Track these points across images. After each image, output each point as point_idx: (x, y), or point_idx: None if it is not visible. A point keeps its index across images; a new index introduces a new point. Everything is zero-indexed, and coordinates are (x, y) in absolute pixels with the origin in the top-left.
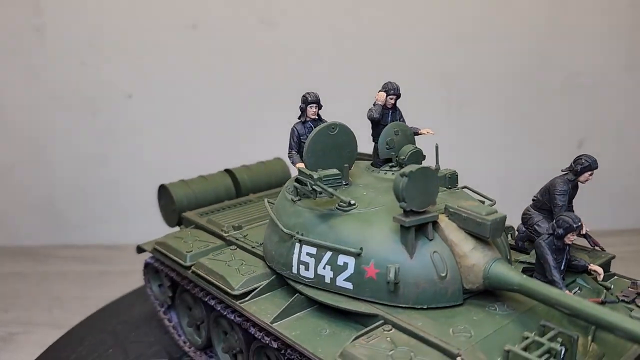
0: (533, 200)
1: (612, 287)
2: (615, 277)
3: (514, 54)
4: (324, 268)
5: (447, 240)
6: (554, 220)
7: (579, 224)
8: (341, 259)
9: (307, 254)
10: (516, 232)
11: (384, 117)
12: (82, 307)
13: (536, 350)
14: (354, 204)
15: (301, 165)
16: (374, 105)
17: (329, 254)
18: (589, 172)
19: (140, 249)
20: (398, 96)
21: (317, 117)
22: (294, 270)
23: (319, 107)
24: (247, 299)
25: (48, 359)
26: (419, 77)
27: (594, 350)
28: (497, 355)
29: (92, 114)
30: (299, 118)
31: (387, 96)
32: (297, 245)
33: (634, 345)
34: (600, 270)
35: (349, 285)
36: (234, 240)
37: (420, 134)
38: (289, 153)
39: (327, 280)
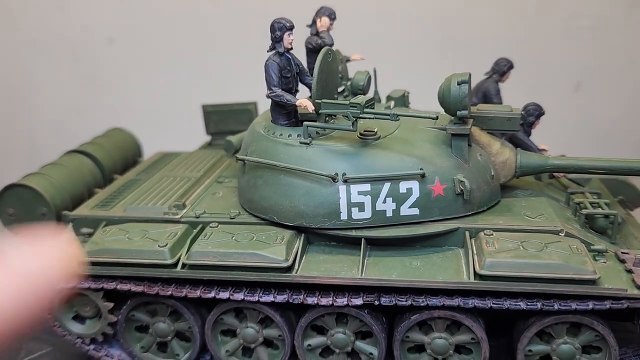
0: None
1: None
2: None
3: None
4: (384, 202)
5: (479, 143)
6: (521, 111)
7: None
8: (403, 186)
9: (360, 192)
10: None
11: None
12: None
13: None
14: (376, 130)
15: (304, 101)
16: (315, 34)
17: (387, 185)
18: (510, 72)
19: None
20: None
21: (291, 46)
22: (343, 217)
23: None
24: (297, 267)
25: None
26: (415, 21)
27: None
28: (572, 222)
29: (73, 60)
30: (270, 50)
31: (329, 21)
32: (343, 187)
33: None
34: (547, 147)
35: (415, 211)
36: (194, 219)
37: (352, 61)
38: (271, 92)
39: (389, 213)
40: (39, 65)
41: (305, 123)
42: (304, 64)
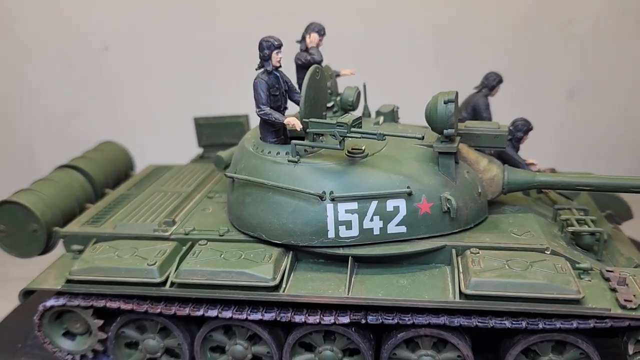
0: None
1: None
2: None
3: (505, 1)
4: (371, 220)
5: (466, 160)
6: (509, 126)
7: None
8: (390, 204)
9: (347, 211)
10: None
11: None
12: None
13: (575, 225)
14: (364, 148)
15: (292, 120)
16: (304, 50)
17: (374, 203)
18: (499, 86)
19: (28, 293)
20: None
21: (279, 64)
22: (331, 235)
23: None
24: (284, 286)
25: (21, 312)
26: (408, 28)
27: None
28: (559, 239)
29: (68, 67)
30: (259, 68)
31: (319, 37)
32: (331, 205)
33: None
34: (535, 161)
35: (402, 229)
36: (184, 237)
37: (342, 76)
38: (260, 110)
39: (376, 232)
40: (34, 73)
41: (293, 142)
42: (294, 79)
